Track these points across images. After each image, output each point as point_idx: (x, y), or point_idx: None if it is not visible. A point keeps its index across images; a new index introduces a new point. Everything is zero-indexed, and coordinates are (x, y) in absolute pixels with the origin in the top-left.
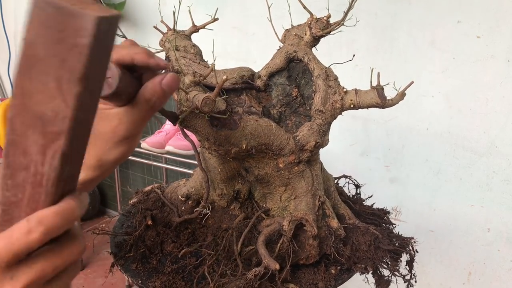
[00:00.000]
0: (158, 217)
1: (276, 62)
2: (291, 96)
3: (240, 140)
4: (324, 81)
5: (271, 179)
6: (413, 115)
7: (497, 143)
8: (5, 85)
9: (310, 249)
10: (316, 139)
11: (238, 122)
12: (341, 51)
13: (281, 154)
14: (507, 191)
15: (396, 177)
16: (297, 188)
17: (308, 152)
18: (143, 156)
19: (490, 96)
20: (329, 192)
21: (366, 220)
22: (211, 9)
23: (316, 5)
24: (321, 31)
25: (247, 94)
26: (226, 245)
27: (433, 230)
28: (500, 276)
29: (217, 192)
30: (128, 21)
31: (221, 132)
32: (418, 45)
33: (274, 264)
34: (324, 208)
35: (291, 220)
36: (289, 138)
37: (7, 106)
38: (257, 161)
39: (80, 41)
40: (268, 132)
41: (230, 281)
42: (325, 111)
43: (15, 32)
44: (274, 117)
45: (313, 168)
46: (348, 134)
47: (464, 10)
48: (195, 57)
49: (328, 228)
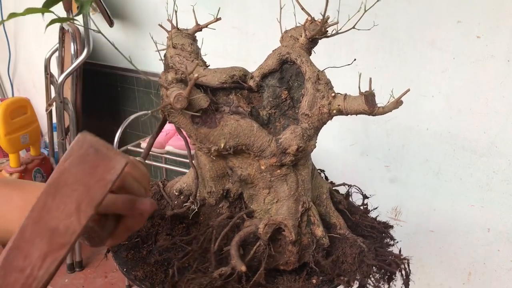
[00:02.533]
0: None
1: (268, 63)
2: (280, 98)
3: (219, 138)
4: (313, 84)
5: (255, 180)
6: (413, 115)
7: (497, 143)
8: (5, 85)
9: (290, 255)
10: (298, 143)
11: (217, 120)
12: (341, 51)
13: (262, 156)
14: (507, 191)
15: (396, 177)
16: (279, 192)
17: (291, 156)
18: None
19: (490, 96)
20: (321, 199)
21: (362, 232)
22: (211, 9)
23: (317, 6)
24: (314, 33)
25: (236, 94)
26: (205, 243)
27: (433, 230)
28: (500, 276)
29: (207, 189)
30: (128, 21)
31: (200, 130)
32: (418, 45)
33: (240, 265)
34: (310, 215)
35: (267, 224)
36: (271, 141)
37: (7, 106)
38: (240, 161)
39: (108, 176)
40: (248, 133)
41: (197, 277)
42: (312, 116)
43: (15, 32)
44: (263, 118)
45: (299, 172)
46: (348, 134)
47: (464, 10)
48: (190, 55)
49: (312, 236)
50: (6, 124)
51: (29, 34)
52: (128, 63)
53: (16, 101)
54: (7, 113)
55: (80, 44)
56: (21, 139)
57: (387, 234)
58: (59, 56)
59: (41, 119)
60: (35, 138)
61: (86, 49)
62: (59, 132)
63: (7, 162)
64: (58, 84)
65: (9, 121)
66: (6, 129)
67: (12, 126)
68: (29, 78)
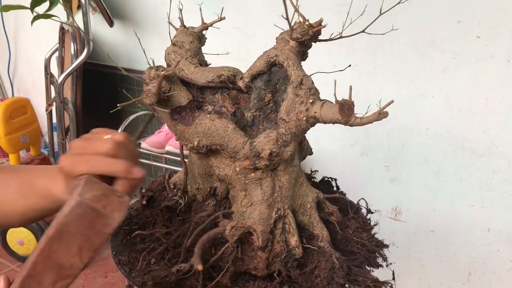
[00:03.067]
0: (157, 199)
1: (256, 65)
2: (264, 101)
3: (193, 137)
4: (294, 89)
5: (233, 181)
6: (413, 115)
7: (497, 143)
8: (5, 85)
9: (259, 261)
10: (271, 148)
11: (193, 119)
12: (341, 51)
13: (236, 157)
14: (507, 191)
15: (396, 177)
16: (253, 196)
17: (266, 160)
18: (143, 156)
19: (490, 96)
20: (305, 208)
21: (352, 249)
22: (211, 9)
23: (316, 5)
24: (299, 36)
25: (222, 93)
26: (179, 237)
27: (433, 230)
28: (500, 276)
29: (195, 186)
30: (128, 21)
31: (177, 127)
32: (418, 45)
33: (197, 264)
34: (286, 223)
35: (235, 226)
36: (245, 143)
37: (7, 106)
38: (219, 161)
39: (105, 230)
40: (222, 133)
41: (159, 269)
42: (289, 121)
43: (15, 32)
44: (247, 120)
45: (278, 178)
46: (348, 134)
47: (464, 10)
48: (186, 53)
49: (285, 244)
50: (6, 124)
51: (29, 34)
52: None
53: (16, 101)
54: (7, 113)
55: (80, 44)
56: (21, 139)
57: (379, 254)
58: (59, 56)
59: (41, 119)
60: (35, 138)
61: (86, 49)
62: (59, 132)
63: (7, 162)
64: (58, 84)
65: (9, 121)
66: (6, 129)
67: (12, 126)
68: (29, 78)
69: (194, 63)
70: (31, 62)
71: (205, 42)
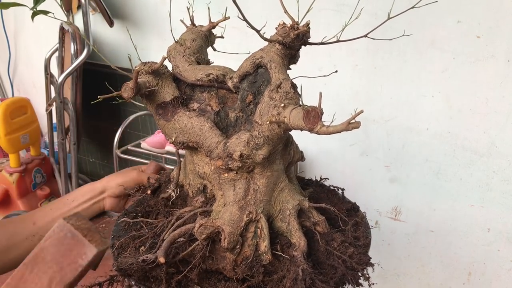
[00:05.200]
0: (162, 190)
1: (243, 66)
2: (245, 102)
3: (171, 132)
4: (270, 92)
5: (212, 180)
6: (413, 115)
7: (497, 143)
8: (5, 85)
9: (227, 262)
10: (242, 150)
11: (173, 115)
12: (341, 51)
13: (211, 156)
14: (507, 191)
15: (396, 177)
16: (226, 196)
17: (238, 162)
18: (143, 156)
19: (490, 96)
20: (284, 215)
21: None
22: (211, 9)
23: (316, 6)
24: (280, 38)
25: (209, 92)
26: (158, 229)
27: (433, 230)
28: (500, 276)
29: (187, 181)
30: (128, 21)
31: (159, 122)
32: (418, 45)
33: (160, 256)
34: (258, 227)
35: (204, 224)
36: (219, 143)
37: (7, 106)
38: (199, 159)
39: (79, 261)
40: (198, 131)
41: (129, 257)
42: (262, 124)
43: (15, 32)
44: (231, 120)
45: (254, 181)
46: (348, 134)
47: (464, 10)
48: (184, 51)
49: (255, 249)
50: (6, 124)
51: (29, 34)
52: (128, 63)
53: (16, 101)
54: (7, 113)
55: (80, 44)
56: (21, 139)
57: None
58: (59, 56)
59: (41, 119)
60: (35, 138)
61: (86, 49)
62: (59, 132)
63: (7, 162)
64: (58, 84)
65: (9, 121)
66: (6, 129)
67: (12, 126)
68: (29, 78)
69: (189, 61)
70: (31, 62)
71: (214, 40)
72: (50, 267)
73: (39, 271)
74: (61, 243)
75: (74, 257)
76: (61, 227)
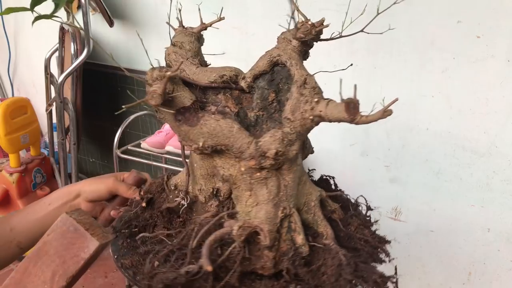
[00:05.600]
0: (156, 201)
1: (259, 65)
2: (268, 101)
3: (198, 137)
4: (298, 88)
5: (237, 181)
6: (413, 115)
7: (497, 143)
8: (5, 85)
9: (266, 260)
10: (277, 147)
11: (198, 119)
12: (341, 51)
13: (242, 157)
14: (507, 191)
15: (396, 177)
16: (258, 195)
17: (271, 160)
18: (143, 156)
19: (490, 96)
20: (309, 206)
21: (355, 245)
22: (211, 9)
23: (316, 5)
24: (303, 35)
25: (224, 93)
26: (185, 239)
27: (433, 230)
28: (500, 276)
29: (197, 187)
30: (128, 21)
31: (181, 127)
32: (418, 45)
33: (207, 265)
34: (291, 221)
35: (242, 226)
36: (250, 143)
37: (7, 106)
38: (223, 161)
39: (82, 254)
40: (227, 133)
41: (167, 272)
42: (294, 120)
43: (15, 32)
44: (251, 120)
45: (283, 177)
46: (348, 134)
47: (464, 10)
48: (186, 53)
49: (292, 243)
50: (6, 124)
51: (29, 34)
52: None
53: (16, 101)
54: (7, 113)
55: (80, 44)
56: (21, 139)
57: (382, 250)
58: (59, 56)
59: (41, 119)
60: (35, 138)
61: (86, 49)
62: (59, 132)
63: (7, 162)
64: (58, 84)
65: (9, 121)
66: (6, 129)
67: (12, 126)
68: (29, 78)
69: (195, 64)
70: (31, 62)
71: (203, 42)
72: (53, 261)
73: (43, 265)
74: (64, 237)
75: (77, 250)
76: (64, 221)
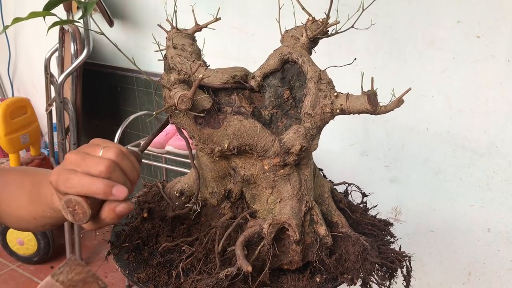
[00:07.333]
0: (156, 210)
1: (270, 63)
2: (282, 98)
3: (223, 139)
4: (315, 84)
5: (258, 180)
6: (413, 115)
7: (497, 143)
8: (5, 85)
9: (294, 255)
10: (302, 143)
11: (221, 121)
12: (340, 51)
13: (265, 156)
14: (507, 191)
15: (396, 177)
16: (282, 192)
17: (294, 156)
18: (143, 156)
19: (490, 96)
20: (323, 198)
21: (363, 230)
22: (211, 9)
23: (316, 5)
24: (316, 33)
25: (238, 94)
26: (209, 243)
27: (433, 230)
28: (500, 276)
29: (208, 190)
30: (128, 21)
31: (204, 130)
32: (418, 45)
33: (246, 266)
34: (313, 214)
35: (272, 223)
36: (274, 140)
37: (7, 106)
38: (243, 162)
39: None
40: (252, 133)
41: (202, 278)
42: (314, 115)
43: (15, 32)
44: (265, 118)
45: (302, 172)
46: (348, 134)
47: (464, 10)
48: (191, 55)
49: (315, 235)
50: (6, 124)
51: (29, 34)
52: (128, 63)
53: (16, 101)
54: (7, 113)
55: (80, 44)
56: (21, 139)
57: (387, 232)
58: (59, 56)
59: (41, 119)
60: (35, 138)
61: (86, 49)
62: (59, 132)
63: (7, 162)
64: (58, 84)
65: (9, 121)
66: (6, 129)
67: (12, 126)
68: (29, 78)
69: (202, 66)
70: (31, 62)
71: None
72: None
73: None
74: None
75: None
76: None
